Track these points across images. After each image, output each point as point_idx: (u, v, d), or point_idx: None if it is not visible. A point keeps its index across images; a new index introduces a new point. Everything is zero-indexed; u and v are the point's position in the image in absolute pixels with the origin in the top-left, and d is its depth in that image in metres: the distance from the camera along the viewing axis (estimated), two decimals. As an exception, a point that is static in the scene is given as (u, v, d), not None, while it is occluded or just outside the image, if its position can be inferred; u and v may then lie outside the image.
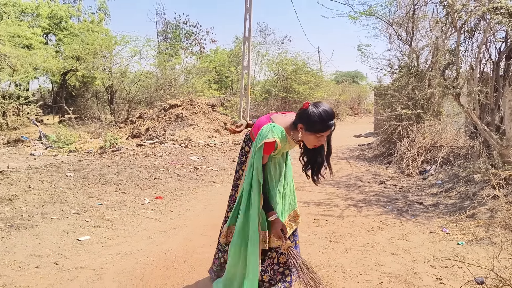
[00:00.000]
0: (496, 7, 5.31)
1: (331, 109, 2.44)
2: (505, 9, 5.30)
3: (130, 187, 6.33)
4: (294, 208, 2.88)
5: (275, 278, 2.79)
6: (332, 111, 2.44)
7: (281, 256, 2.79)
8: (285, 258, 2.78)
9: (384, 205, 5.73)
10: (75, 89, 22.01)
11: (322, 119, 2.38)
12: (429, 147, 8.16)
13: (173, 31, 29.67)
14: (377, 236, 4.43)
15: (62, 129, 11.58)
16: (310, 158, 2.68)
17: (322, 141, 2.50)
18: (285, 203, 2.79)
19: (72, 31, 22.95)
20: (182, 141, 11.14)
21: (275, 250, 2.79)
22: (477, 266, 3.03)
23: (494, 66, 6.47)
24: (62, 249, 3.86)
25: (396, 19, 10.35)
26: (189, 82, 21.03)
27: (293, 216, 2.85)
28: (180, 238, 4.29)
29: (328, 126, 2.40)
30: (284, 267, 2.79)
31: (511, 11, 5.27)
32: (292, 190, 2.88)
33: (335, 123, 2.45)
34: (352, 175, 8.02)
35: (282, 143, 2.52)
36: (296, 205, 2.90)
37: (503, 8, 5.29)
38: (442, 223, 4.89)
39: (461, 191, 5.99)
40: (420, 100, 9.14)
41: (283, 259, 2.79)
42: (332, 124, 2.42)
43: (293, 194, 2.88)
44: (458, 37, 5.95)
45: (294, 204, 2.88)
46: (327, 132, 2.44)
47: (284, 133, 2.53)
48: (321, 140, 2.48)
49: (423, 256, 3.85)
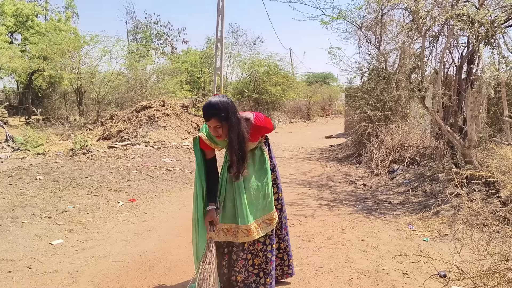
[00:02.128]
0: (459, 14, 5.59)
1: (215, 102, 2.55)
2: (467, 16, 5.58)
3: (103, 190, 6.27)
4: (270, 211, 2.92)
5: (249, 279, 2.88)
6: (213, 103, 2.54)
7: (256, 258, 2.88)
8: (260, 260, 2.87)
9: (355, 204, 5.91)
10: (42, 90, 21.42)
11: (203, 109, 2.58)
12: (397, 148, 8.45)
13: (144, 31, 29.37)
14: (348, 234, 4.58)
15: (29, 131, 11.28)
16: (227, 153, 2.85)
17: (216, 133, 2.60)
18: (257, 205, 2.86)
19: (39, 30, 22.37)
20: (154, 143, 11.07)
21: (250, 252, 2.87)
22: (441, 261, 3.20)
23: (457, 70, 6.78)
24: (35, 253, 3.82)
25: (365, 23, 10.65)
26: (160, 83, 20.84)
27: (267, 219, 2.90)
28: (155, 240, 4.31)
29: (205, 115, 2.55)
30: (259, 269, 2.88)
31: (472, 18, 5.56)
32: (267, 194, 2.91)
33: (213, 115, 2.52)
34: (323, 175, 8.20)
35: (209, 139, 2.73)
36: (273, 208, 2.94)
37: (464, 15, 5.57)
38: (408, 220, 5.10)
39: (427, 190, 6.25)
40: (388, 102, 9.45)
41: (257, 261, 2.88)
42: (207, 114, 2.53)
43: (269, 198, 2.91)
44: (423, 42, 6.21)
45: (270, 207, 2.92)
46: (208, 122, 2.56)
47: (207, 129, 2.70)
48: (215, 132, 2.59)
49: (391, 253, 4.02)
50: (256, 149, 2.93)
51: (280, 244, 3.09)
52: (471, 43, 6.56)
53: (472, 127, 5.66)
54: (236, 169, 2.72)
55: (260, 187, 2.88)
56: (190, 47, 28.80)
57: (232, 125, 2.58)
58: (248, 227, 2.78)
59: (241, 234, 2.79)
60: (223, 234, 2.84)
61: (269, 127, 2.88)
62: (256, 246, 2.88)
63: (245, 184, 2.83)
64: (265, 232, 2.87)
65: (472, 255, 3.49)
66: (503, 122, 6.61)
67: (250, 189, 2.84)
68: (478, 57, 6.39)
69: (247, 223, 2.77)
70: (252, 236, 2.79)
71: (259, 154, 2.94)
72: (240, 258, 2.87)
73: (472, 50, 6.34)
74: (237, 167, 2.71)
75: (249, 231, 2.78)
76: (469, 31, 5.72)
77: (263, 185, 2.89)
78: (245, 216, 2.78)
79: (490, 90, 5.30)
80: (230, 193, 2.87)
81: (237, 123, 2.61)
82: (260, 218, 2.86)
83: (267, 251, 2.88)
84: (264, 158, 2.94)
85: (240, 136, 2.62)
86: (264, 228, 2.87)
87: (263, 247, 2.89)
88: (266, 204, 2.90)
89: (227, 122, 2.56)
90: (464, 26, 5.69)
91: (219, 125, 2.56)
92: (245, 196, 2.80)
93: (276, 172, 3.05)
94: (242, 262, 2.87)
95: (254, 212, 2.84)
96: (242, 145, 2.64)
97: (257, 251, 2.88)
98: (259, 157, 2.93)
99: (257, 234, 2.81)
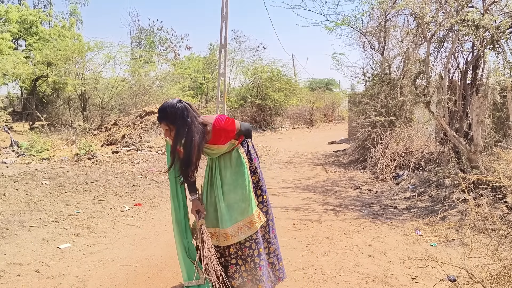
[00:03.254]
0: (464, 19, 5.61)
1: (165, 106, 2.57)
2: (472, 21, 5.60)
3: (108, 195, 6.29)
4: (249, 214, 2.82)
5: (246, 285, 2.86)
6: (162, 107, 2.57)
7: (246, 264, 2.86)
8: (250, 266, 2.84)
9: (360, 209, 5.90)
10: (46, 96, 21.52)
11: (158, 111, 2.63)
12: (401, 153, 8.44)
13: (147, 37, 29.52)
14: (354, 239, 4.57)
15: (34, 137, 11.33)
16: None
17: (168, 134, 2.61)
18: (237, 208, 2.82)
19: (43, 36, 22.53)
20: (159, 148, 11.10)
21: (240, 257, 2.85)
22: (450, 265, 3.19)
23: (462, 75, 6.79)
24: (43, 257, 3.83)
25: (369, 29, 10.68)
26: (164, 88, 20.90)
27: (248, 222, 2.83)
28: (162, 244, 4.31)
29: (157, 117, 2.62)
30: (252, 275, 2.85)
31: (477, 23, 5.58)
32: (245, 197, 2.83)
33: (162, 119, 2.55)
34: (328, 181, 8.20)
35: None
36: (252, 212, 2.83)
37: (470, 21, 5.59)
38: (415, 225, 5.09)
39: (433, 195, 6.23)
40: (393, 108, 9.45)
41: (248, 267, 2.85)
42: (158, 117, 2.60)
43: (247, 201, 2.83)
44: (428, 47, 6.23)
45: (249, 210, 2.83)
46: (160, 124, 2.61)
47: None
48: (166, 133, 2.61)
49: (398, 257, 4.01)
50: (232, 151, 2.90)
51: (270, 248, 3.03)
52: (476, 49, 6.58)
53: (478, 132, 5.66)
54: (179, 171, 2.71)
55: (238, 189, 2.84)
56: (193, 53, 28.97)
57: (178, 131, 2.56)
58: (225, 231, 2.79)
59: (221, 238, 2.82)
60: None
61: (230, 128, 2.76)
62: (244, 251, 2.86)
63: (223, 187, 2.84)
64: (245, 236, 2.82)
65: (481, 259, 3.47)
66: (508, 127, 6.61)
67: (229, 192, 2.84)
68: (483, 62, 6.40)
69: (225, 227, 2.79)
70: (231, 239, 2.79)
71: (236, 156, 2.89)
72: (230, 263, 2.87)
73: (477, 55, 6.35)
74: (180, 170, 2.69)
75: (227, 235, 2.80)
76: (474, 37, 5.74)
77: (240, 187, 2.84)
78: (223, 220, 2.79)
79: (496, 95, 5.30)
80: (211, 197, 2.89)
81: (184, 128, 2.56)
82: (240, 221, 2.82)
83: (254, 255, 2.85)
84: (241, 160, 2.90)
85: (188, 141, 2.58)
86: (245, 231, 2.82)
87: (249, 252, 2.85)
88: (245, 207, 2.83)
89: (174, 126, 2.57)
90: (469, 32, 5.71)
91: (167, 128, 2.59)
92: (223, 200, 2.82)
93: (259, 174, 2.99)
94: (232, 267, 2.86)
95: (235, 216, 2.81)
96: (187, 149, 2.60)
97: (245, 256, 2.87)
98: (236, 159, 2.89)
99: (236, 238, 2.80)
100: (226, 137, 2.77)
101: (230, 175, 2.87)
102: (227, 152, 2.88)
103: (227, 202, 2.83)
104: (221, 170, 2.87)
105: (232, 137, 2.82)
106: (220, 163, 2.88)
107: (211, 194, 2.89)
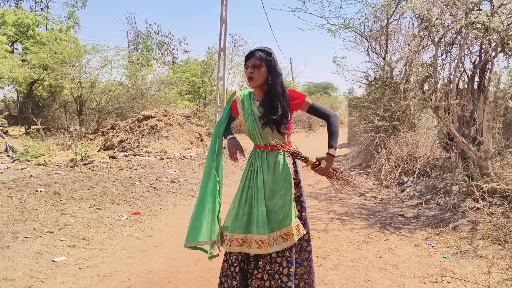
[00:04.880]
0: (473, 22, 5.44)
1: (262, 46, 2.70)
2: (481, 24, 5.44)
3: (106, 203, 6.06)
4: (287, 225, 2.62)
5: None
6: (259, 47, 2.70)
7: (273, 280, 2.64)
8: (276, 284, 2.62)
9: (367, 218, 5.70)
10: (42, 99, 21.26)
11: None
12: (406, 159, 8.26)
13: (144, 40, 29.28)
14: (364, 251, 4.37)
15: (29, 141, 11.09)
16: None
17: (251, 73, 2.61)
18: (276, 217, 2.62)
19: (40, 39, 22.28)
20: (157, 153, 10.87)
21: (267, 272, 2.64)
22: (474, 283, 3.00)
23: (469, 80, 6.61)
24: (36, 272, 3.61)
25: (371, 33, 10.52)
26: (161, 92, 20.69)
27: (285, 233, 2.62)
28: (163, 257, 4.10)
29: (248, 53, 2.68)
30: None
31: (487, 26, 5.41)
32: (286, 209, 2.64)
33: (256, 52, 2.63)
34: (331, 187, 7.97)
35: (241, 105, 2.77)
36: (290, 223, 2.63)
37: (479, 23, 5.42)
38: (425, 235, 4.89)
39: (440, 203, 6.04)
40: (396, 112, 9.27)
41: (274, 284, 2.64)
42: (250, 51, 2.66)
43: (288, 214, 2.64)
44: (436, 50, 6.05)
45: (288, 222, 2.63)
46: (248, 60, 2.63)
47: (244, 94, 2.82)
48: (251, 71, 2.61)
49: (412, 271, 3.82)
50: (278, 154, 2.69)
51: (297, 270, 2.82)
52: (483, 52, 6.41)
53: (489, 138, 5.48)
54: (263, 115, 2.63)
55: (278, 197, 2.63)
56: (190, 56, 28.81)
57: (273, 70, 2.63)
58: (261, 237, 2.55)
59: (254, 244, 2.57)
60: (237, 244, 2.62)
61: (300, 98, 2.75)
62: (273, 266, 2.65)
63: (265, 191, 2.63)
64: (280, 248, 2.60)
65: (502, 274, 3.28)
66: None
67: (270, 198, 2.63)
68: (491, 65, 6.23)
69: (262, 233, 2.55)
70: (265, 248, 2.56)
71: (282, 161, 2.69)
72: (255, 277, 2.64)
73: (485, 58, 6.18)
74: (264, 114, 2.63)
75: (263, 242, 2.55)
76: (484, 40, 5.57)
77: (282, 195, 2.64)
78: (261, 225, 2.56)
79: (508, 100, 5.13)
80: (247, 200, 2.67)
81: (276, 67, 2.66)
82: (277, 231, 2.61)
83: (282, 274, 2.61)
84: (286, 166, 2.69)
85: (279, 84, 2.64)
86: (280, 243, 2.60)
87: (279, 269, 2.62)
88: (284, 217, 2.63)
89: (266, 66, 2.60)
90: (479, 35, 5.54)
91: (257, 64, 2.59)
92: (264, 204, 2.60)
93: (301, 188, 2.79)
94: (257, 281, 2.64)
95: (272, 224, 2.61)
96: (276, 88, 2.63)
97: (273, 272, 2.65)
98: (282, 165, 2.68)
99: (270, 247, 2.57)
100: (295, 104, 2.71)
101: (273, 181, 2.65)
102: (273, 153, 2.69)
103: (267, 207, 2.61)
104: (263, 173, 2.66)
105: (298, 106, 2.73)
106: (263, 166, 2.67)
107: (247, 196, 2.67)
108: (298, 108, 2.74)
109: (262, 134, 2.67)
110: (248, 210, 2.65)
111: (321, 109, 2.78)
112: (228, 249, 2.64)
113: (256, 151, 2.75)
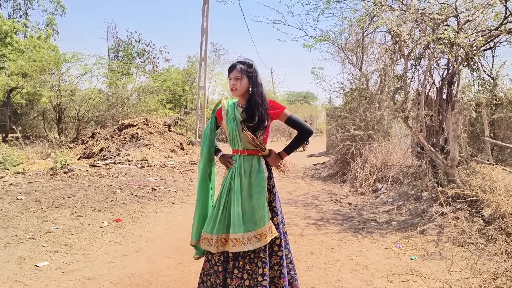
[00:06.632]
0: (440, 37, 5.78)
1: (244, 59, 2.98)
2: (447, 39, 5.79)
3: (87, 210, 6.15)
4: (262, 226, 2.79)
5: None
6: (241, 59, 2.99)
7: (251, 280, 2.81)
8: (253, 283, 2.80)
9: (342, 223, 5.95)
10: (20, 107, 21.01)
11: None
12: (380, 167, 8.58)
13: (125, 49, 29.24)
14: (337, 254, 4.60)
15: (8, 150, 11.02)
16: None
17: (234, 84, 2.88)
18: (251, 218, 2.81)
19: (18, 47, 22.08)
20: (138, 162, 10.94)
21: (246, 272, 2.82)
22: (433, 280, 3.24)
23: (438, 91, 6.98)
24: (20, 276, 3.70)
25: (347, 45, 10.89)
26: (142, 101, 20.71)
27: (259, 234, 2.79)
28: (144, 261, 4.24)
29: (230, 66, 2.94)
30: None
31: (453, 41, 5.76)
32: (257, 208, 2.82)
33: (238, 65, 2.89)
34: (308, 194, 8.24)
35: (226, 113, 3.03)
36: (265, 224, 2.79)
37: (445, 39, 5.77)
38: (395, 239, 5.16)
39: (411, 208, 6.34)
40: (371, 122, 9.62)
41: (253, 283, 2.82)
42: (232, 65, 2.93)
43: (262, 215, 2.81)
44: (406, 64, 6.39)
45: (262, 222, 2.80)
46: (231, 72, 2.89)
47: (229, 103, 3.09)
48: (233, 82, 2.88)
49: (381, 272, 4.05)
50: (255, 160, 2.92)
51: (269, 272, 2.90)
52: (451, 66, 6.78)
53: (455, 146, 5.81)
54: (244, 120, 2.88)
55: (253, 199, 2.83)
56: (171, 65, 28.83)
57: (254, 81, 2.90)
58: (236, 236, 2.76)
59: (230, 243, 2.78)
60: (221, 245, 2.82)
61: (279, 108, 2.99)
62: (251, 266, 2.83)
63: (242, 193, 2.84)
64: (254, 247, 2.77)
65: (461, 273, 3.54)
66: (483, 142, 6.81)
67: (245, 199, 2.84)
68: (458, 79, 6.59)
69: (237, 232, 2.76)
70: (239, 246, 2.74)
71: (257, 166, 2.90)
72: (235, 276, 2.82)
73: (452, 72, 6.54)
74: (245, 119, 2.87)
75: (237, 240, 2.75)
76: (449, 54, 5.92)
77: (256, 197, 2.84)
78: (236, 224, 2.77)
79: (471, 111, 5.47)
80: (227, 202, 2.88)
81: (256, 79, 2.93)
82: (252, 231, 2.79)
83: (258, 273, 2.80)
84: (261, 170, 2.90)
85: (259, 91, 2.91)
86: (254, 243, 2.77)
87: (255, 269, 2.81)
88: (258, 218, 2.81)
89: (247, 77, 2.87)
90: (445, 49, 5.88)
91: (238, 76, 2.84)
92: (240, 205, 2.82)
93: (274, 194, 2.96)
94: (237, 280, 2.81)
95: (247, 224, 2.80)
96: (257, 97, 2.89)
97: (252, 272, 2.84)
98: (257, 169, 2.90)
99: (244, 246, 2.75)
100: (274, 114, 2.96)
101: (249, 184, 2.87)
102: (250, 158, 2.94)
103: (243, 209, 2.82)
104: (241, 176, 2.88)
105: (277, 115, 2.98)
106: (241, 170, 2.89)
107: (227, 198, 2.89)
108: (277, 118, 2.99)
109: (241, 138, 2.90)
110: (228, 212, 2.86)
111: (298, 122, 3.03)
112: (215, 250, 2.80)
113: (235, 156, 2.97)
